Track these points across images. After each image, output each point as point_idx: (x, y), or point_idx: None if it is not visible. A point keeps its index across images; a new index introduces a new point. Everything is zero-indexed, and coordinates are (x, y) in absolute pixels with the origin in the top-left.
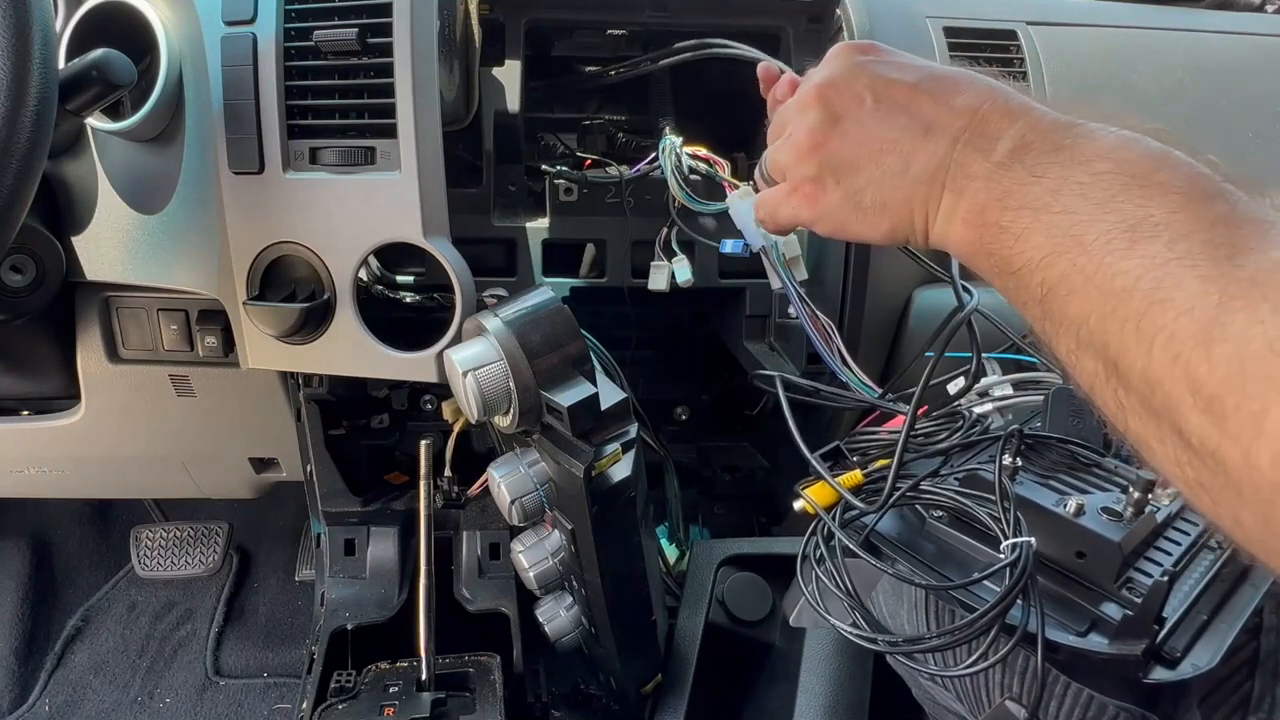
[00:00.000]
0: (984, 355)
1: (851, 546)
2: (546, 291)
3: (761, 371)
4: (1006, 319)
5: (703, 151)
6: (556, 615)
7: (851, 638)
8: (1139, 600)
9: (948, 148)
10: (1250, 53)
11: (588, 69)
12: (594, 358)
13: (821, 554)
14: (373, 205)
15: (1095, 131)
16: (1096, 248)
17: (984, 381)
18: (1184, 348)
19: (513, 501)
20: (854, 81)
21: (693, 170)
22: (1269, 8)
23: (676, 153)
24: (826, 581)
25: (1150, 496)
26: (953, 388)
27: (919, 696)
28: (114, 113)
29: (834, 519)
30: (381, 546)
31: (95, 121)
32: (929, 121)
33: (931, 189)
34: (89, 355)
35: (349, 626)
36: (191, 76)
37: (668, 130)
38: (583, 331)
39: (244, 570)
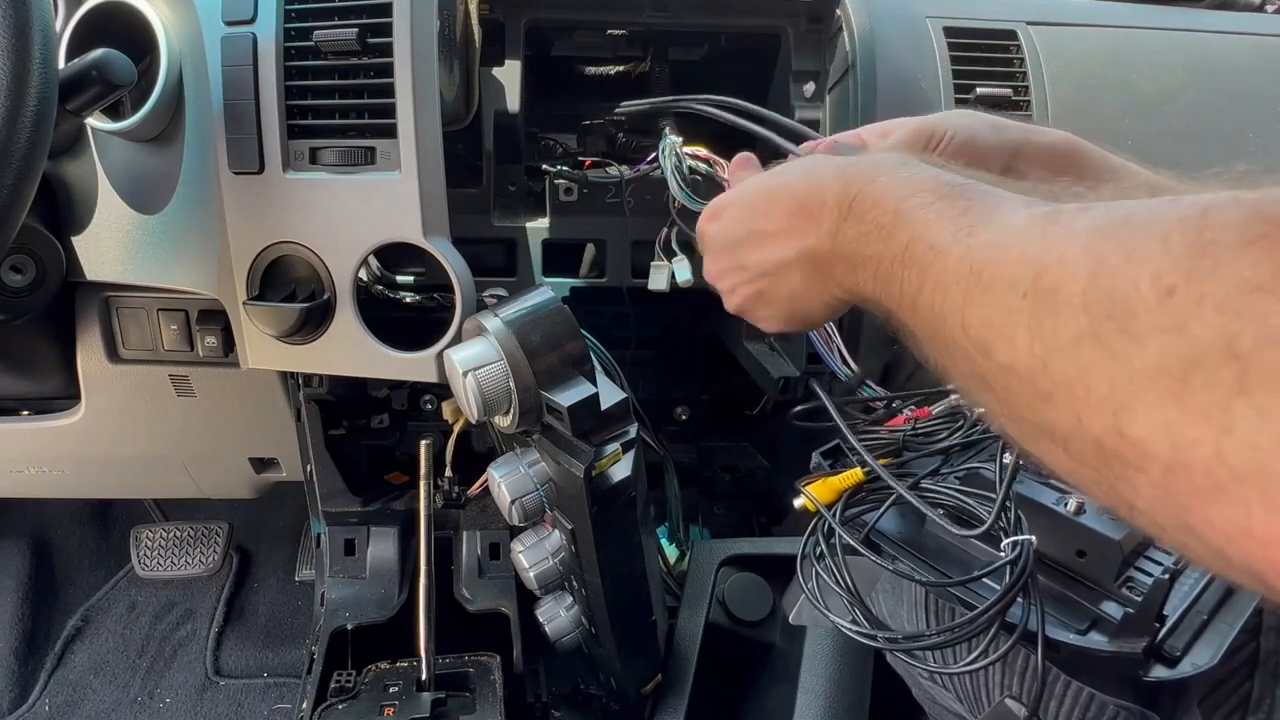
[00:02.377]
0: None
1: (852, 543)
2: (546, 291)
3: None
4: None
5: (703, 151)
6: (556, 615)
7: (851, 635)
8: (1139, 599)
9: (795, 253)
10: (1250, 53)
11: (590, 69)
12: (594, 358)
13: (822, 551)
14: (373, 205)
15: (865, 184)
16: (894, 274)
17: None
18: (958, 308)
19: (513, 501)
20: (729, 254)
21: (693, 170)
22: (1269, 8)
23: (676, 153)
24: (827, 579)
25: None
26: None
27: (919, 696)
28: (114, 113)
29: (835, 516)
30: (381, 546)
31: (95, 121)
32: (774, 249)
33: (813, 281)
34: (89, 355)
35: (349, 626)
36: (191, 76)
37: (668, 130)
38: (583, 331)
39: (244, 570)
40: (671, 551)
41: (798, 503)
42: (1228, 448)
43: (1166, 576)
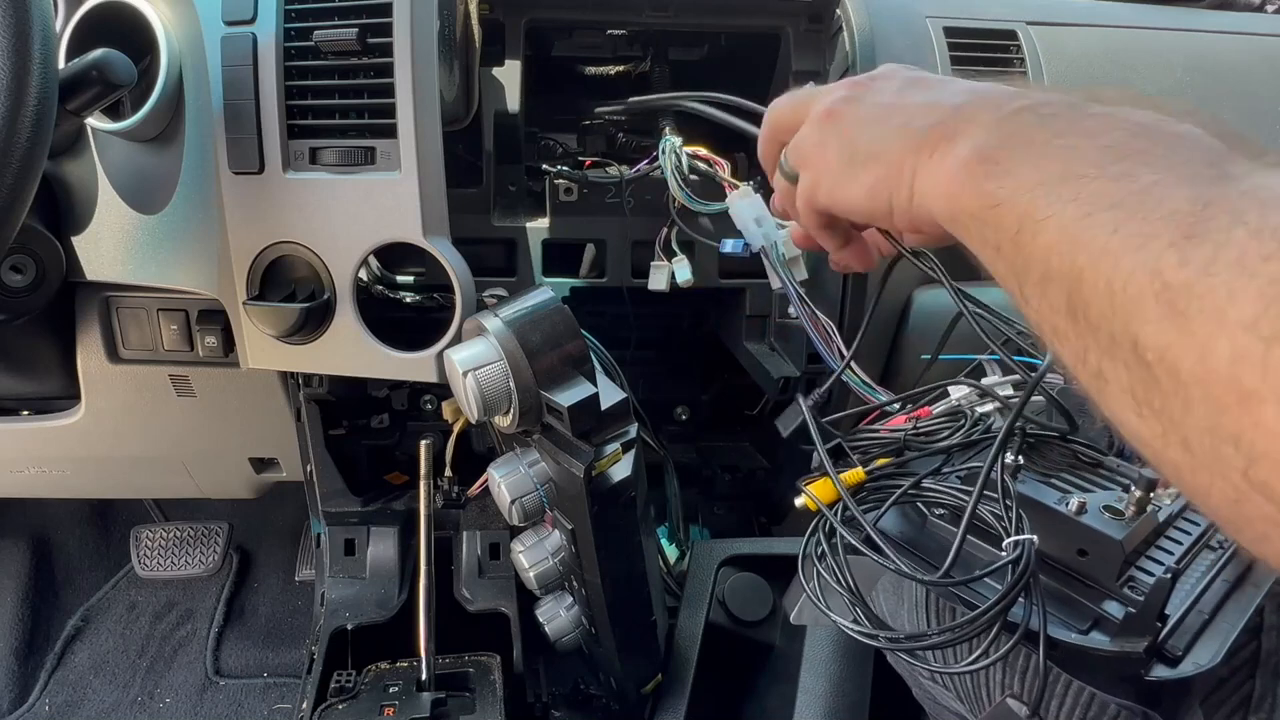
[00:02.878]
0: (985, 356)
1: (854, 542)
2: (546, 291)
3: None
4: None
5: (703, 151)
6: (556, 615)
7: (852, 634)
8: (1141, 598)
9: (956, 105)
10: (1250, 53)
11: (590, 69)
12: (594, 358)
13: (823, 550)
14: (373, 205)
15: (1105, 97)
16: (1085, 174)
17: (984, 382)
18: (1156, 249)
19: (513, 501)
20: (888, 76)
21: (693, 170)
22: (1269, 8)
23: (676, 153)
24: (828, 578)
25: (1152, 495)
26: (954, 391)
27: (919, 696)
28: (114, 113)
29: (836, 515)
30: (381, 546)
31: (95, 121)
32: (943, 94)
33: (926, 139)
34: (89, 355)
35: (349, 626)
36: (191, 76)
37: (668, 130)
38: (583, 331)
39: (244, 570)
40: (671, 551)
41: (799, 502)
42: None
43: (1168, 576)
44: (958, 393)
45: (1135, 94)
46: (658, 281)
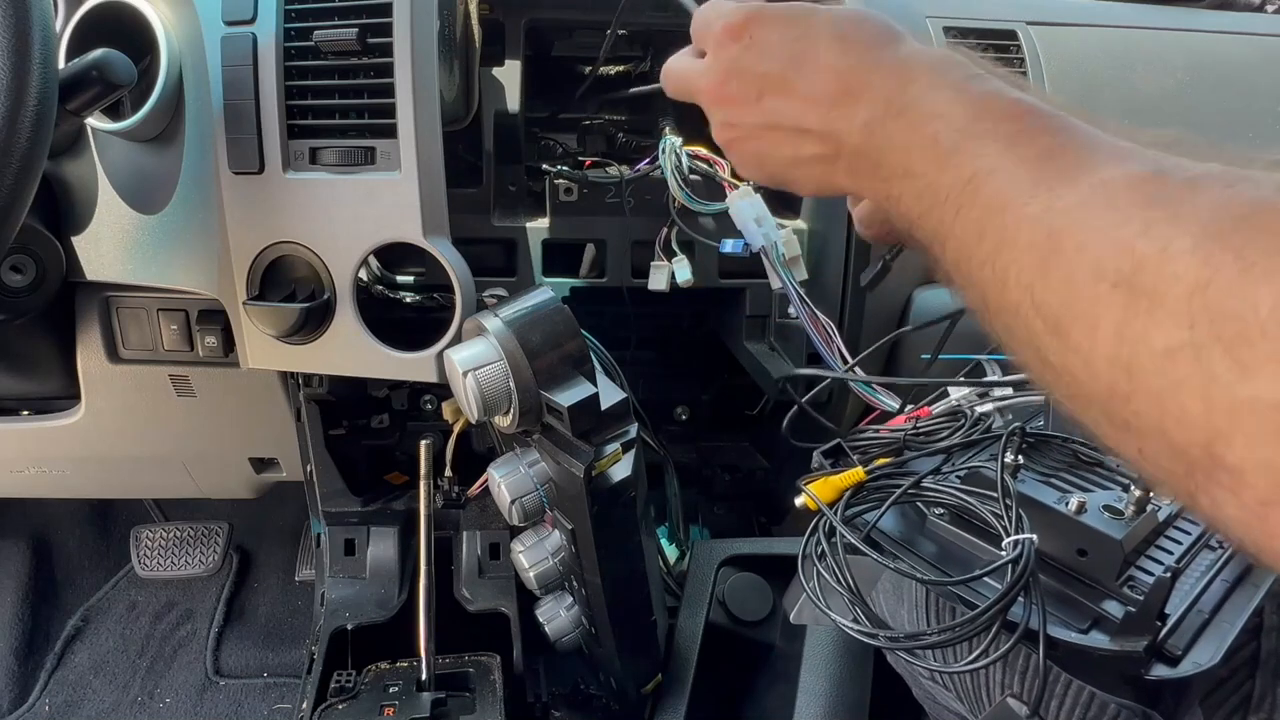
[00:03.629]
0: (985, 356)
1: (854, 541)
2: (546, 291)
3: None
4: None
5: (703, 151)
6: (556, 615)
7: (852, 633)
8: (1141, 598)
9: (818, 128)
10: (1250, 53)
11: (588, 70)
12: (594, 358)
13: (823, 550)
14: (373, 205)
15: (928, 88)
16: (949, 203)
17: (984, 382)
18: (1029, 279)
19: (513, 501)
20: (742, 76)
21: (693, 170)
22: (1269, 8)
23: (676, 153)
24: (828, 577)
25: (1152, 495)
26: (954, 391)
27: (919, 696)
28: (114, 113)
29: (836, 514)
30: (381, 546)
31: (95, 121)
32: (798, 108)
33: (823, 166)
34: (89, 355)
35: (349, 626)
36: (191, 76)
37: (668, 130)
38: (583, 331)
39: (244, 570)
40: (671, 551)
41: (799, 501)
42: None
43: (1168, 575)
44: (958, 393)
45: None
46: (658, 281)
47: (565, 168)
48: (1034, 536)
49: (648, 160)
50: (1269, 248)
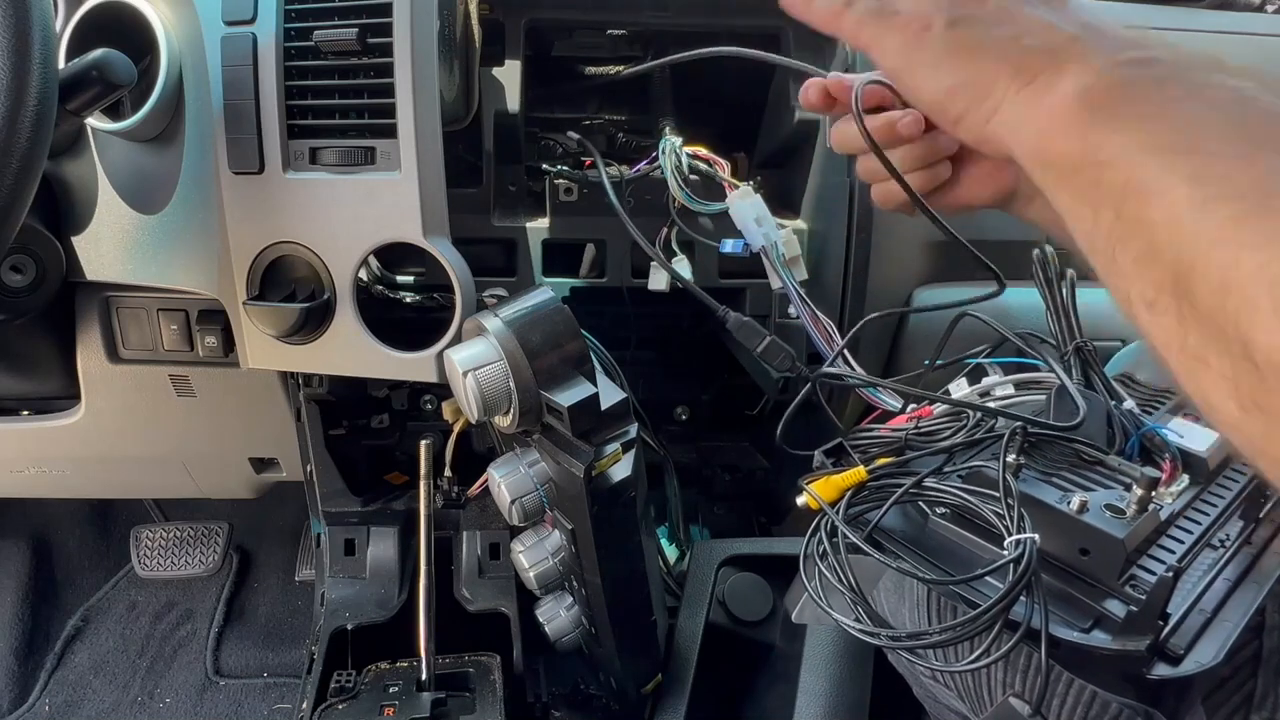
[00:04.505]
0: (984, 359)
1: (856, 541)
2: (546, 291)
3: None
4: (1006, 321)
5: (703, 151)
6: (556, 615)
7: (854, 632)
8: (1143, 597)
9: (1071, 35)
10: (1250, 53)
11: (589, 69)
12: (594, 358)
13: (825, 549)
14: (373, 205)
15: (1226, 63)
16: (1210, 151)
17: (985, 382)
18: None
19: (513, 501)
20: None
21: (693, 170)
22: (1269, 8)
23: (676, 153)
24: (830, 576)
25: (1154, 494)
26: (954, 389)
27: (920, 695)
28: (114, 113)
29: (838, 513)
30: (381, 546)
31: (95, 121)
32: (1062, 18)
33: (1037, 59)
34: (89, 355)
35: (349, 626)
36: (191, 76)
37: (668, 130)
38: (583, 331)
39: (244, 570)
40: (671, 551)
41: (800, 500)
42: None
43: (1170, 574)
44: (959, 392)
45: (1261, 70)
46: (658, 281)
47: (565, 168)
48: (1036, 536)
49: (648, 160)
50: None
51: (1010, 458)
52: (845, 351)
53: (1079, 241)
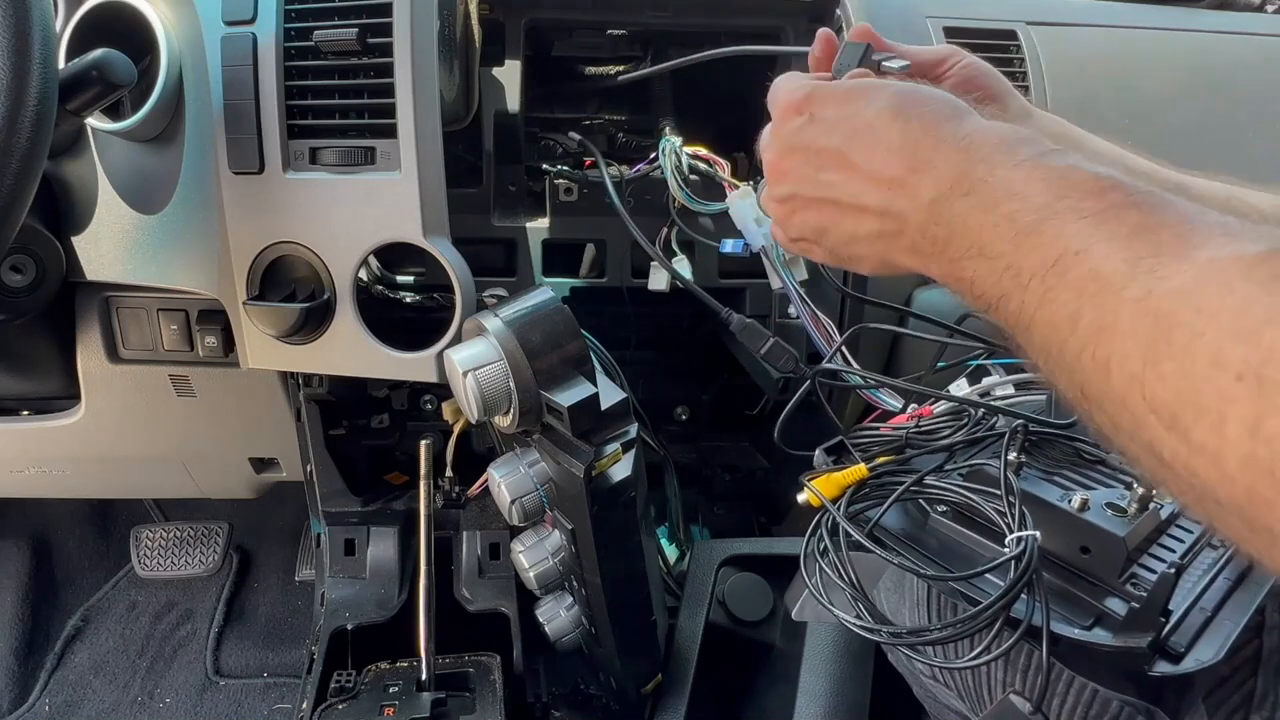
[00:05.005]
0: (986, 359)
1: (858, 537)
2: (546, 291)
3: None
4: None
5: (703, 151)
6: (556, 615)
7: (855, 629)
8: (1144, 595)
9: (878, 205)
10: (1250, 53)
11: (589, 69)
12: (594, 358)
13: (826, 546)
14: (373, 205)
15: (998, 166)
16: (1034, 287)
17: (985, 382)
18: (1136, 368)
19: (513, 501)
20: (801, 151)
21: (693, 170)
22: (1269, 8)
23: (676, 153)
24: (830, 573)
25: (1154, 492)
26: (954, 389)
27: (920, 695)
28: (114, 113)
29: (839, 511)
30: (381, 546)
31: (95, 121)
32: (857, 185)
33: (885, 242)
34: (89, 355)
35: (349, 626)
36: (191, 76)
37: (668, 130)
38: (583, 331)
39: (244, 570)
40: (671, 551)
41: (801, 497)
42: None
43: (1171, 573)
44: (960, 392)
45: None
46: (658, 281)
47: (565, 168)
48: (1037, 533)
49: (648, 160)
50: None
51: (1011, 455)
52: (845, 351)
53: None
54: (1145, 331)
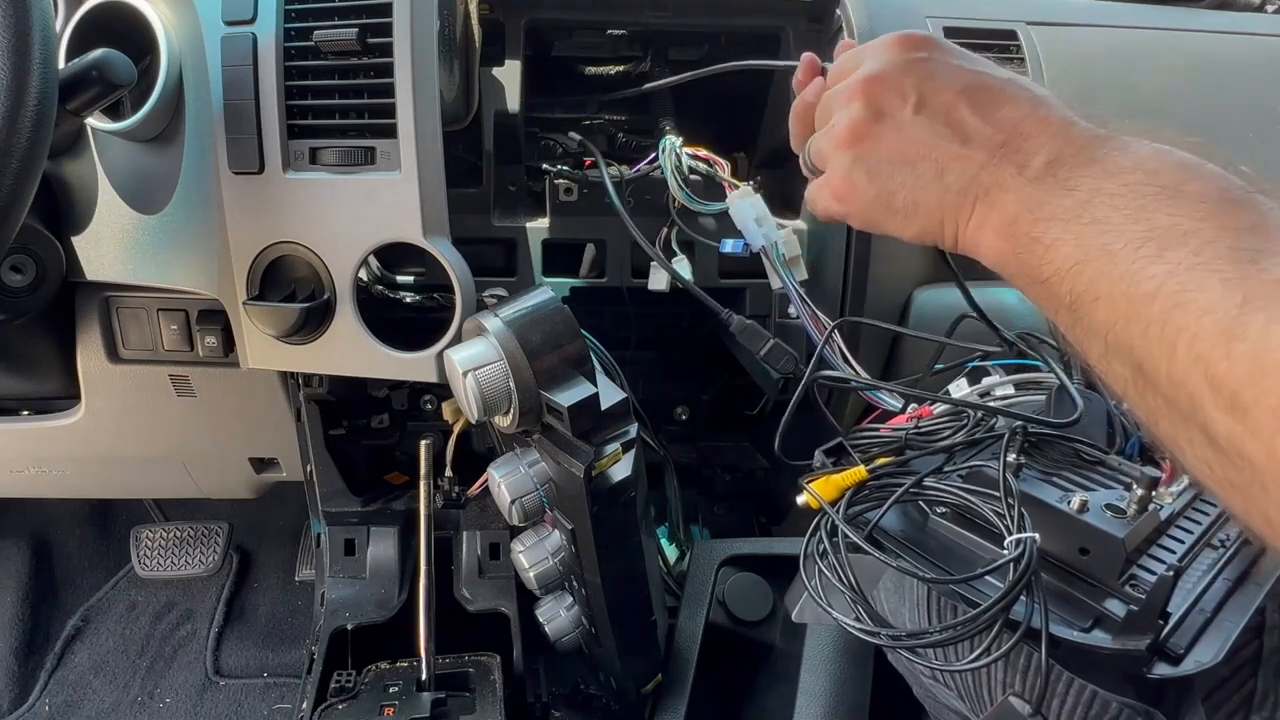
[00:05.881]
0: (986, 360)
1: (856, 540)
2: (546, 291)
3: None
4: (1006, 321)
5: (703, 151)
6: (556, 615)
7: (854, 632)
8: (1143, 596)
9: (983, 160)
10: (1250, 53)
11: (590, 69)
12: (594, 358)
13: (825, 548)
14: (373, 205)
15: (1129, 144)
16: (1124, 255)
17: (985, 382)
18: (1205, 347)
19: (513, 501)
20: (901, 80)
21: (693, 170)
22: (1269, 8)
23: (676, 153)
24: (830, 576)
25: (1154, 494)
26: (954, 390)
27: (920, 695)
28: (114, 113)
29: (839, 513)
30: (381, 546)
31: (95, 121)
32: (968, 133)
33: (964, 198)
34: (89, 355)
35: (349, 626)
36: (191, 76)
37: (668, 130)
38: (583, 331)
39: (244, 570)
40: (671, 551)
41: (800, 499)
42: None
43: (1170, 574)
44: (959, 393)
45: (1161, 129)
46: (658, 281)
47: (565, 168)
48: (1036, 535)
49: (648, 160)
50: None
51: (1010, 457)
52: (845, 351)
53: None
54: (1226, 311)
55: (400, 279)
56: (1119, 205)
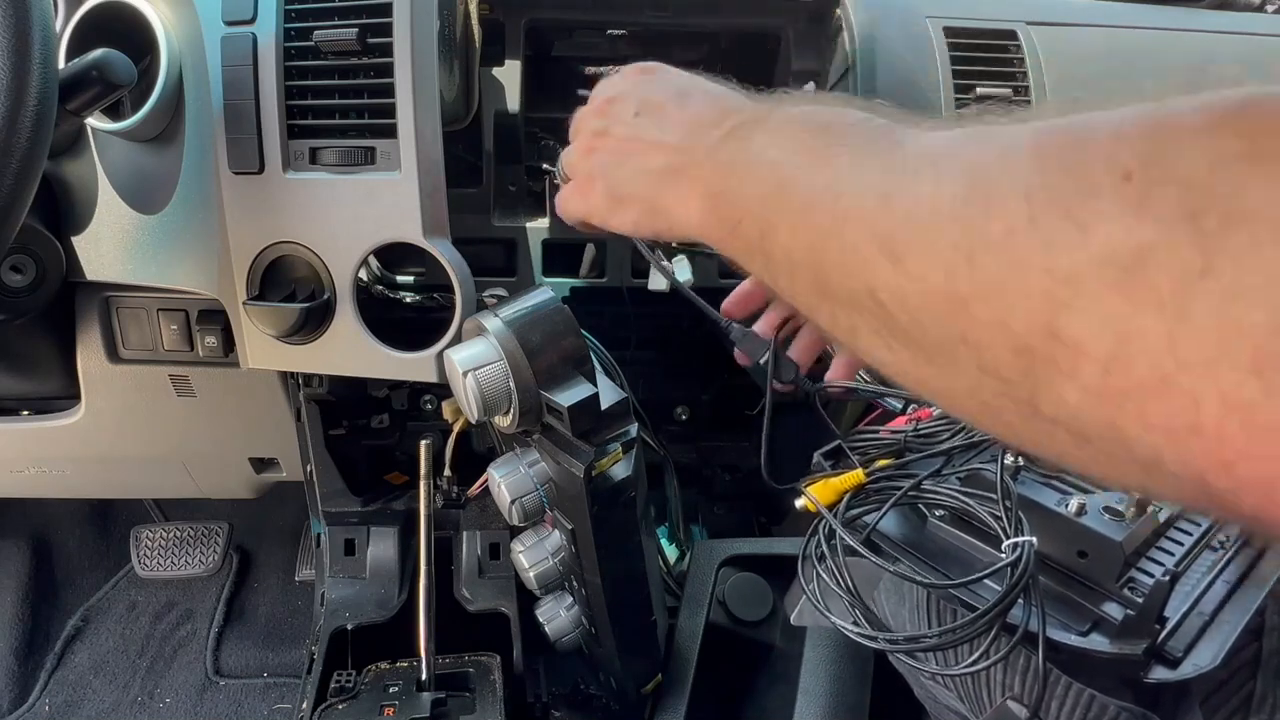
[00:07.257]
0: None
1: (854, 544)
2: (546, 291)
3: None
4: None
5: None
6: (556, 615)
7: (852, 636)
8: (1141, 600)
9: (677, 141)
10: (1250, 53)
11: (589, 70)
12: (594, 358)
13: (823, 552)
14: (373, 205)
15: (794, 103)
16: (795, 181)
17: None
18: (867, 215)
19: (513, 501)
20: (629, 94)
21: None
22: (1269, 8)
23: None
24: (828, 579)
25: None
26: None
27: (921, 696)
28: (114, 113)
29: (836, 517)
30: (381, 546)
31: (95, 121)
32: (668, 124)
33: (665, 178)
34: (89, 355)
35: (349, 626)
36: (191, 76)
37: None
38: (583, 331)
39: (244, 570)
40: (671, 551)
41: (799, 503)
42: (1181, 336)
43: (1168, 578)
44: None
45: (812, 95)
46: (658, 282)
47: None
48: (1034, 539)
49: None
50: (1096, 127)
51: (1009, 460)
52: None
53: (767, 284)
54: (885, 184)
55: (400, 279)
56: (785, 147)
